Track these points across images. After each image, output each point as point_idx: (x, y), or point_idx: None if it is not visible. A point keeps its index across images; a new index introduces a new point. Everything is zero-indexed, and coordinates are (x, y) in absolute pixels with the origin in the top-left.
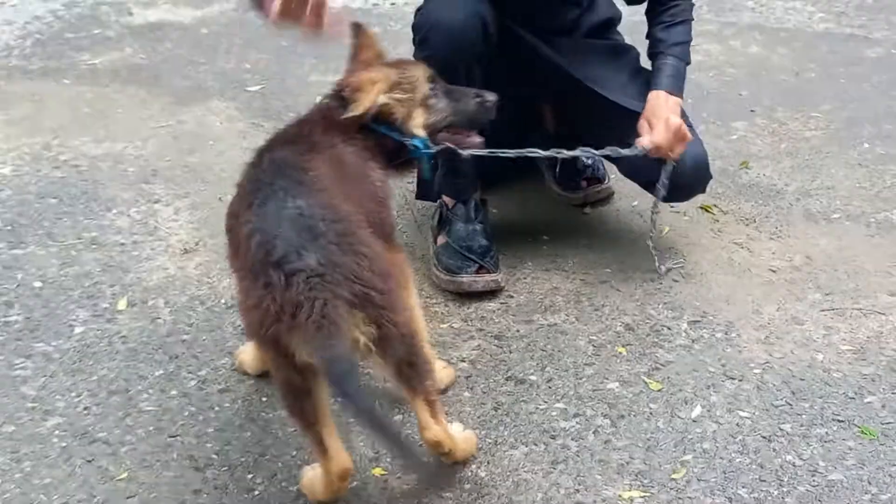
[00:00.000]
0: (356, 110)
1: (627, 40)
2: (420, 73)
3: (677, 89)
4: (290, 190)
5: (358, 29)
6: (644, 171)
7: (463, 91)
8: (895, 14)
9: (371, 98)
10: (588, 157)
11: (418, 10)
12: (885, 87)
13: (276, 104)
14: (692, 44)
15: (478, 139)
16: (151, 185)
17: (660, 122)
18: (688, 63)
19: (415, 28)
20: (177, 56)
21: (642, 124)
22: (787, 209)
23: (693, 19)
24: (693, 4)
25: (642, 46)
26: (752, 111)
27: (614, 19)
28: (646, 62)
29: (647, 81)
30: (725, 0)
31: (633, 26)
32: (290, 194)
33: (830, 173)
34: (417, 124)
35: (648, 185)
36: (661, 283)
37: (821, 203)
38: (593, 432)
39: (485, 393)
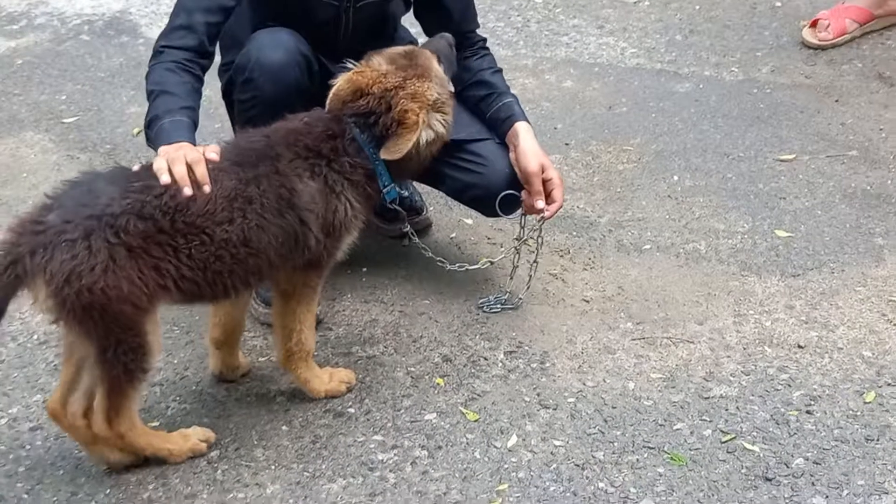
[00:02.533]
0: (396, 153)
1: None
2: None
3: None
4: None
5: None
6: (470, 189)
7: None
8: (703, 51)
9: (413, 137)
10: (405, 189)
11: (240, 50)
12: (694, 120)
13: (92, 136)
14: (507, 79)
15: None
16: None
17: (551, 173)
18: None
19: (237, 68)
20: None
21: (516, 158)
22: (600, 240)
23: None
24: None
25: None
26: (566, 144)
27: None
28: None
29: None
30: (540, 35)
31: None
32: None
33: (641, 205)
34: (430, 152)
35: (473, 201)
36: (477, 315)
37: (632, 234)
38: (411, 464)
39: (303, 426)
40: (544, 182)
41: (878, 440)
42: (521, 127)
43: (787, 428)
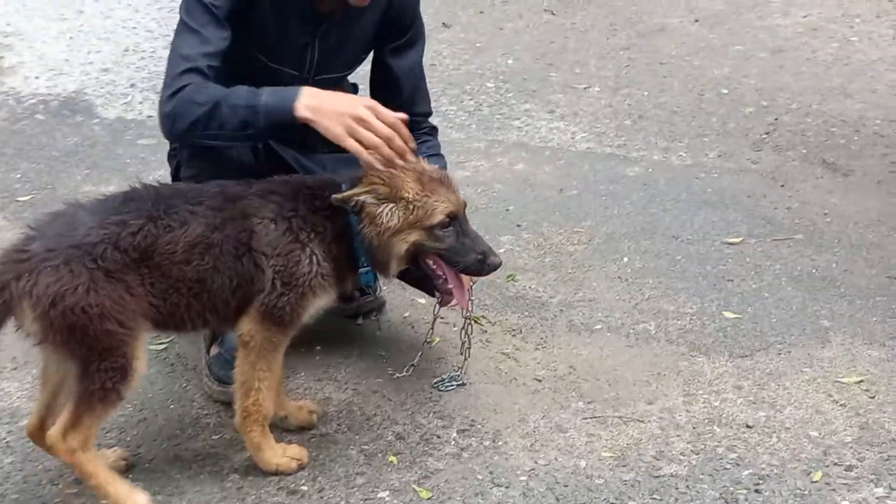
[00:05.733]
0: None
1: None
2: (445, 204)
3: None
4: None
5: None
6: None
7: (474, 242)
8: (652, 135)
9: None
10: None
11: None
12: (644, 203)
13: None
14: (460, 161)
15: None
16: None
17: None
18: None
19: (183, 144)
20: None
21: None
22: (552, 320)
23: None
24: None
25: None
26: (518, 226)
27: None
28: None
29: None
30: (493, 119)
31: None
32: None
33: (592, 286)
34: (408, 240)
35: (416, 282)
36: (431, 393)
37: (583, 314)
38: None
39: (256, 501)
40: None
41: None
42: None
43: None
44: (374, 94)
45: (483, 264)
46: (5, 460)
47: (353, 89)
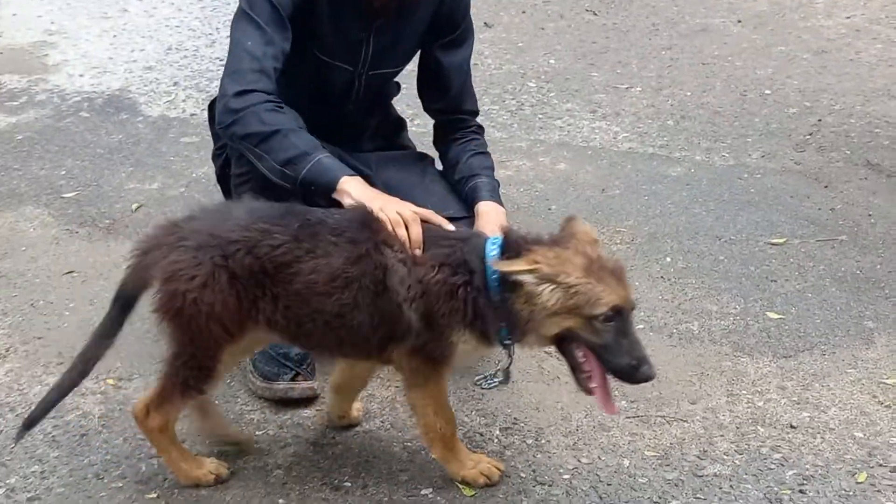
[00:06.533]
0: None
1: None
2: (612, 296)
3: (499, 201)
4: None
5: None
6: None
7: (632, 345)
8: (695, 135)
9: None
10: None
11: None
12: (686, 203)
13: (91, 211)
14: (503, 161)
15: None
16: None
17: None
18: (498, 184)
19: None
20: None
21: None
22: None
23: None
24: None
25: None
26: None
27: (405, 124)
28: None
29: (451, 189)
30: (535, 119)
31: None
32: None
33: (635, 285)
34: (562, 324)
35: None
36: (473, 391)
37: None
38: None
39: (300, 499)
40: None
41: None
42: (482, 206)
43: None
44: (423, 90)
45: (636, 371)
46: (51, 454)
47: (396, 89)
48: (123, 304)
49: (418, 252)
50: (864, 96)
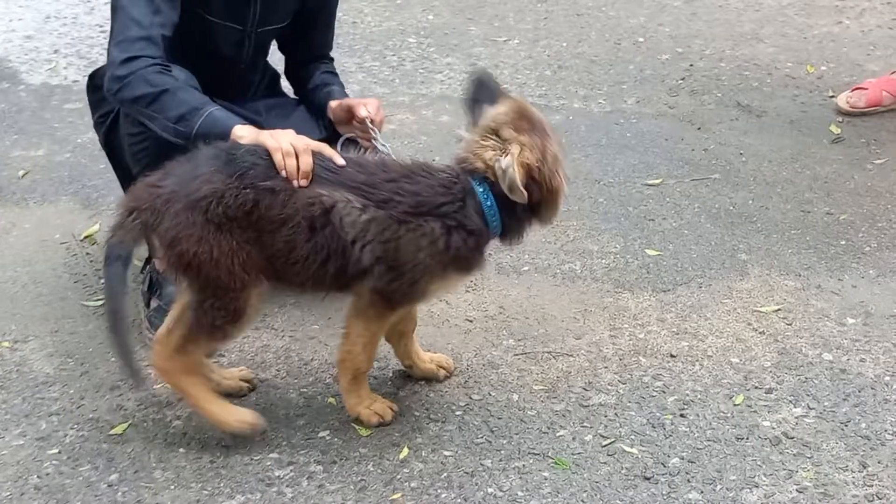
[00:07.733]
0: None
1: None
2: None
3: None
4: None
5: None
6: None
7: None
8: (572, 84)
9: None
10: None
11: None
12: (566, 150)
13: None
14: (387, 115)
15: None
16: None
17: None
18: None
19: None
20: None
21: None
22: None
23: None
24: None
25: None
26: None
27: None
28: None
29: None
30: (416, 74)
31: None
32: None
33: None
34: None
35: None
36: None
37: (511, 257)
38: (307, 478)
39: (201, 448)
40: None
41: (747, 439)
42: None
43: (663, 431)
44: (286, 46)
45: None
46: None
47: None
48: (125, 260)
49: (304, 182)
50: (733, 41)
